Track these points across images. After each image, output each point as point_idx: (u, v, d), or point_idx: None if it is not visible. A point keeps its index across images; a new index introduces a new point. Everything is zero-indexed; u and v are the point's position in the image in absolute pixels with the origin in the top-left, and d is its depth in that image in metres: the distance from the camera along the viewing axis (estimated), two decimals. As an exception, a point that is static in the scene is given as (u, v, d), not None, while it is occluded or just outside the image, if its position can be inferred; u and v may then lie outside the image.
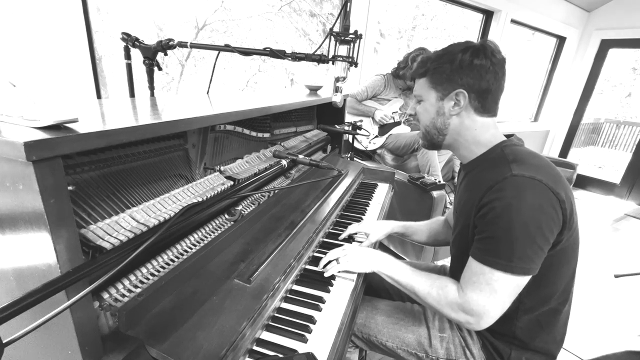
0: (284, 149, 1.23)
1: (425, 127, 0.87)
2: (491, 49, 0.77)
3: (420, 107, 0.87)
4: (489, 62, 0.76)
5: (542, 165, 0.73)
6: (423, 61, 0.84)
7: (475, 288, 0.72)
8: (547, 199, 0.68)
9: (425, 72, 0.83)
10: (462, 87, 0.77)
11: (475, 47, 0.77)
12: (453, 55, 0.78)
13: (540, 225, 0.67)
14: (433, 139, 0.87)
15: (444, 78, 0.79)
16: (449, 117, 0.82)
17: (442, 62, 0.79)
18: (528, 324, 0.80)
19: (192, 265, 0.69)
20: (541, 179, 0.69)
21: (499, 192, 0.70)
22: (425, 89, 0.83)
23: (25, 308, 0.36)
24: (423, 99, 0.85)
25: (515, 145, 0.80)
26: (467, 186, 0.85)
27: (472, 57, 0.76)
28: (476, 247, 0.74)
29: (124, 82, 1.21)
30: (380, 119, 2.41)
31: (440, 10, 4.35)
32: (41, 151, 0.39)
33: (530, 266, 0.69)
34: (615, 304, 2.11)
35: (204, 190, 0.79)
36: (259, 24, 2.94)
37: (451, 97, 0.79)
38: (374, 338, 0.93)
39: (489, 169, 0.78)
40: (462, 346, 0.87)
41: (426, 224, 1.19)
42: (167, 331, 0.57)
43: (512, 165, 0.72)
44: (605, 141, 7.47)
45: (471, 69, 0.76)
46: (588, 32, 4.21)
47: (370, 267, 0.87)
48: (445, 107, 0.81)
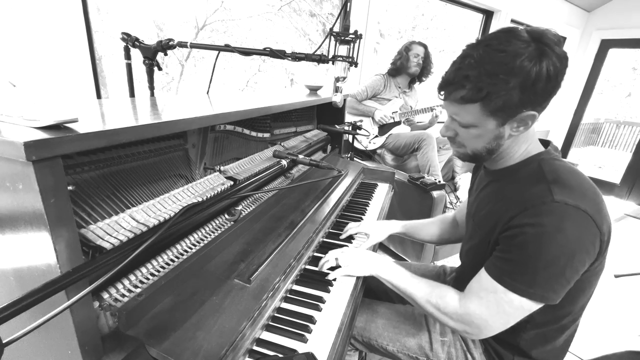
0: (284, 149, 1.23)
1: (474, 150, 0.72)
2: (554, 40, 0.59)
3: (467, 132, 0.69)
4: (558, 60, 0.59)
5: (586, 189, 0.63)
6: (465, 77, 0.62)
7: (481, 303, 0.68)
8: (588, 233, 0.60)
9: (476, 99, 0.62)
10: (533, 107, 0.62)
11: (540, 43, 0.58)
12: (519, 68, 0.58)
13: (573, 259, 0.60)
14: (481, 159, 0.74)
15: (509, 104, 0.61)
16: (508, 137, 0.68)
17: (505, 81, 0.59)
18: (533, 337, 0.77)
19: (192, 265, 0.69)
20: (586, 209, 0.59)
21: (535, 217, 0.61)
22: (478, 116, 0.65)
23: (25, 308, 0.36)
24: (474, 124, 0.67)
25: (554, 160, 0.69)
26: (492, 197, 0.76)
27: (542, 61, 0.58)
28: (494, 264, 0.68)
29: (124, 82, 1.21)
30: (380, 119, 2.41)
31: (441, 10, 4.35)
32: (41, 151, 0.39)
33: (551, 295, 0.63)
34: (615, 304, 2.11)
35: (204, 190, 0.79)
36: (259, 24, 2.94)
37: (516, 120, 0.64)
38: (375, 342, 0.93)
39: (522, 185, 0.68)
40: (463, 350, 0.86)
41: (432, 222, 1.15)
42: (167, 331, 0.57)
43: (552, 187, 0.62)
44: (605, 141, 7.47)
45: (547, 79, 0.59)
46: (588, 32, 4.21)
47: (368, 271, 0.86)
48: (506, 131, 0.66)
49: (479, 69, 0.61)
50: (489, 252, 0.72)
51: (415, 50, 2.38)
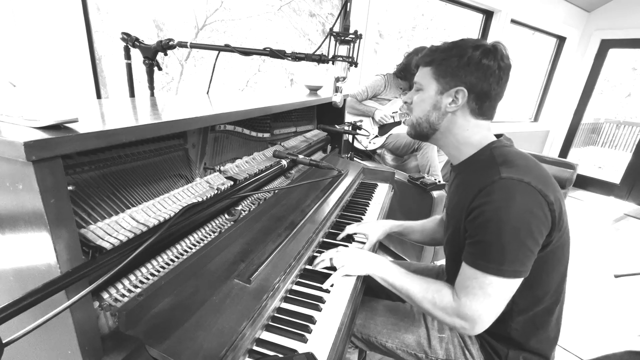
0: (284, 149, 1.23)
1: (417, 118, 0.85)
2: (502, 53, 0.76)
3: (417, 96, 0.84)
4: (496, 64, 0.74)
5: (531, 167, 0.73)
6: (432, 50, 0.81)
7: (468, 293, 0.72)
8: (536, 202, 0.67)
9: (431, 61, 0.80)
10: (464, 85, 0.76)
11: (487, 46, 0.75)
12: (463, 50, 0.76)
13: (530, 228, 0.67)
14: (423, 131, 0.86)
15: (448, 71, 0.77)
16: (444, 113, 0.80)
17: (450, 55, 0.77)
18: (523, 325, 0.80)
19: (192, 265, 0.69)
20: (529, 181, 0.68)
21: (488, 195, 0.69)
22: (428, 78, 0.81)
23: (25, 308, 0.36)
24: (423, 88, 0.83)
25: (505, 147, 0.79)
26: (457, 188, 0.84)
27: (481, 56, 0.74)
28: (468, 252, 0.74)
29: (124, 82, 1.21)
30: (380, 119, 2.41)
31: (441, 10, 4.35)
32: (41, 151, 0.39)
33: (522, 269, 0.69)
34: (615, 304, 2.11)
35: (204, 190, 0.79)
36: (259, 24, 2.94)
37: (450, 94, 0.78)
38: (374, 339, 0.93)
39: (478, 171, 0.76)
40: (461, 346, 0.88)
41: (423, 223, 1.18)
42: (167, 331, 0.57)
43: (500, 168, 0.71)
44: (605, 141, 7.47)
45: (478, 67, 0.74)
46: (588, 32, 4.21)
47: (364, 270, 0.87)
48: (443, 102, 0.79)
49: (442, 47, 0.81)
50: (462, 240, 0.77)
51: None
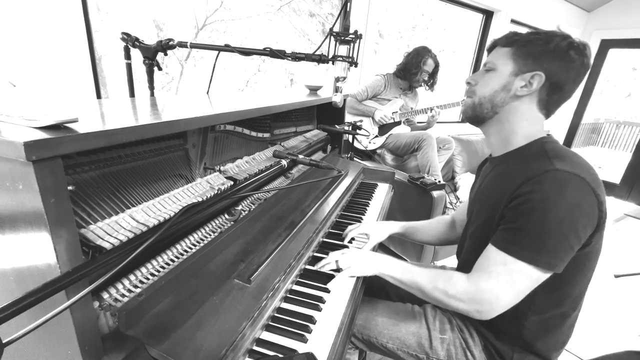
0: (284, 149, 1.23)
1: (481, 97, 0.81)
2: (589, 52, 0.74)
3: (486, 76, 0.81)
4: (581, 60, 0.73)
5: (584, 165, 0.71)
6: (514, 33, 0.79)
7: (491, 277, 0.70)
8: (587, 198, 0.66)
9: (513, 42, 0.77)
10: (544, 71, 0.73)
11: (576, 41, 0.74)
12: (550, 37, 0.74)
13: (576, 224, 0.65)
14: (482, 112, 0.82)
15: (531, 54, 0.75)
16: (512, 97, 0.77)
17: (537, 38, 0.75)
18: (536, 326, 0.78)
19: (192, 265, 0.69)
20: (585, 177, 0.66)
21: (538, 184, 0.67)
22: (504, 58, 0.78)
23: (25, 308, 0.36)
24: (495, 68, 0.79)
25: (556, 143, 0.77)
26: (497, 178, 0.82)
27: (569, 47, 0.72)
28: (500, 237, 0.72)
29: (124, 82, 1.21)
30: (380, 119, 2.41)
31: (441, 10, 4.35)
32: (41, 151, 0.39)
33: (556, 263, 0.67)
34: (615, 304, 2.11)
35: (204, 190, 0.79)
36: (259, 24, 2.94)
37: (525, 77, 0.75)
38: (374, 339, 0.93)
39: (526, 162, 0.75)
40: (462, 348, 0.87)
41: (430, 223, 1.17)
42: (167, 331, 0.57)
43: (553, 160, 0.69)
44: (605, 141, 7.47)
45: (562, 57, 0.72)
46: (588, 32, 4.21)
47: (372, 270, 0.86)
48: (515, 84, 0.76)
49: (526, 33, 0.78)
50: (494, 229, 0.75)
51: (428, 67, 2.37)
